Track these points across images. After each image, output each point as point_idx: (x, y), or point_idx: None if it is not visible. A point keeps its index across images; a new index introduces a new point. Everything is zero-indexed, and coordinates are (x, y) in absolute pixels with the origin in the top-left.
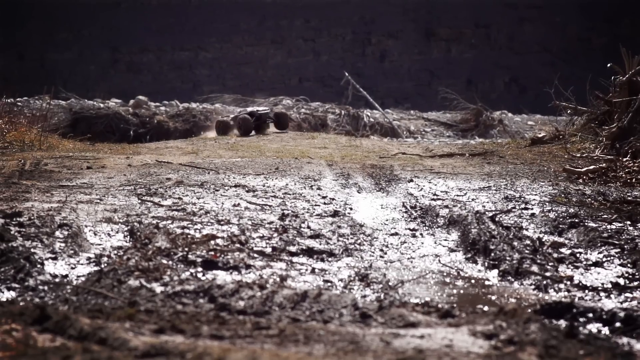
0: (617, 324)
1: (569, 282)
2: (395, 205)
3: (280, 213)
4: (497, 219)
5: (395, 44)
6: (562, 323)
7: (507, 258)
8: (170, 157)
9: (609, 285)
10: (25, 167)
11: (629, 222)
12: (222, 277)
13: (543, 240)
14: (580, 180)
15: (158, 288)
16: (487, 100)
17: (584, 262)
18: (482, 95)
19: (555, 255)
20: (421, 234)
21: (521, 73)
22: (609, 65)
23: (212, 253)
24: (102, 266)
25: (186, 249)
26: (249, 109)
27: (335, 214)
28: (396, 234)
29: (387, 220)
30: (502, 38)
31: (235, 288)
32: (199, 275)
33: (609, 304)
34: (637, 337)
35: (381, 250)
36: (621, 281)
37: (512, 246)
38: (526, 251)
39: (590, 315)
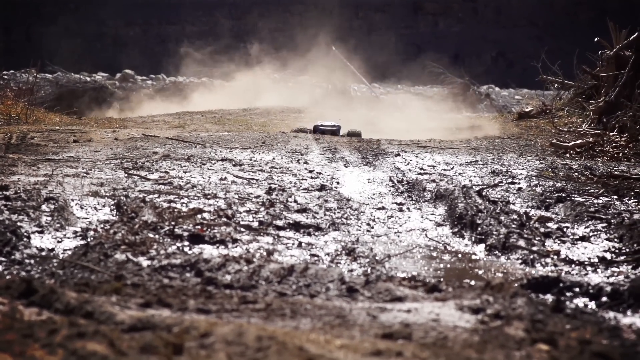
0: (604, 299)
1: (555, 257)
2: (382, 179)
3: (267, 187)
4: (484, 193)
5: (383, 18)
6: (549, 297)
7: (494, 232)
8: (157, 131)
9: (596, 260)
10: (11, 140)
11: (615, 197)
12: (209, 251)
13: (530, 214)
14: (567, 155)
15: (144, 262)
16: (474, 75)
17: (571, 237)
18: (469, 69)
19: (542, 229)
20: (408, 208)
21: (508, 47)
22: (596, 39)
23: (199, 227)
24: (89, 240)
25: (173, 223)
26: (320, 122)
27: (322, 188)
28: (383, 208)
29: (374, 194)
30: (489, 12)
31: (222, 262)
32: (186, 249)
33: (596, 278)
34: (623, 311)
35: (368, 224)
36: (608, 255)
37: (499, 221)
38: (513, 226)
39: (577, 289)
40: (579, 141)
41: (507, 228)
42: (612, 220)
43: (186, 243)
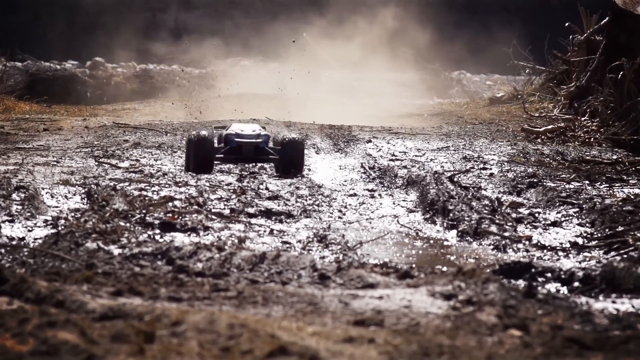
0: (576, 284)
1: (527, 242)
2: (353, 165)
3: (238, 174)
4: (455, 179)
5: (353, 3)
6: (521, 283)
7: (466, 218)
8: (128, 119)
9: (568, 245)
10: None
11: (587, 182)
12: (180, 239)
13: (502, 200)
14: (539, 140)
15: (116, 250)
16: (445, 60)
17: (543, 222)
18: (440, 55)
19: (513, 215)
20: (380, 195)
21: (480, 32)
22: (567, 24)
23: (170, 215)
24: (60, 229)
25: (144, 211)
26: (235, 128)
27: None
28: (355, 194)
29: (345, 181)
30: None
31: (193, 250)
32: (157, 237)
33: (568, 263)
34: (595, 296)
35: (340, 211)
36: (580, 240)
37: (471, 206)
38: (485, 211)
39: (549, 275)
40: (550, 126)
41: (479, 214)
42: (584, 205)
43: (157, 231)
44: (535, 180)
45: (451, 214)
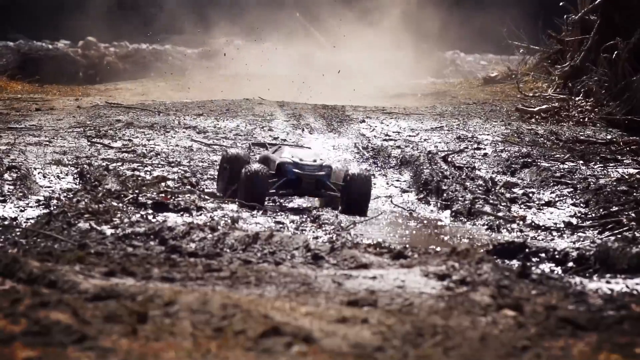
0: (570, 264)
1: (521, 222)
2: (347, 145)
3: None
4: (449, 159)
5: None
6: (515, 263)
7: (460, 198)
8: (120, 99)
9: (562, 225)
10: None
11: (581, 162)
12: (173, 219)
13: (496, 180)
14: (533, 120)
15: (108, 230)
16: (439, 40)
17: (537, 202)
18: (434, 34)
19: (507, 195)
20: (373, 175)
21: (474, 12)
22: (561, 3)
23: (163, 195)
24: (52, 209)
25: (136, 191)
26: (290, 154)
27: None
28: None
29: (339, 161)
30: None
31: (186, 230)
32: (150, 217)
33: (562, 243)
34: (589, 276)
35: None
36: (574, 220)
37: (465, 186)
38: (479, 191)
39: (543, 255)
40: (544, 106)
41: (473, 194)
42: (578, 185)
43: (150, 211)
44: (529, 160)
45: (445, 194)
